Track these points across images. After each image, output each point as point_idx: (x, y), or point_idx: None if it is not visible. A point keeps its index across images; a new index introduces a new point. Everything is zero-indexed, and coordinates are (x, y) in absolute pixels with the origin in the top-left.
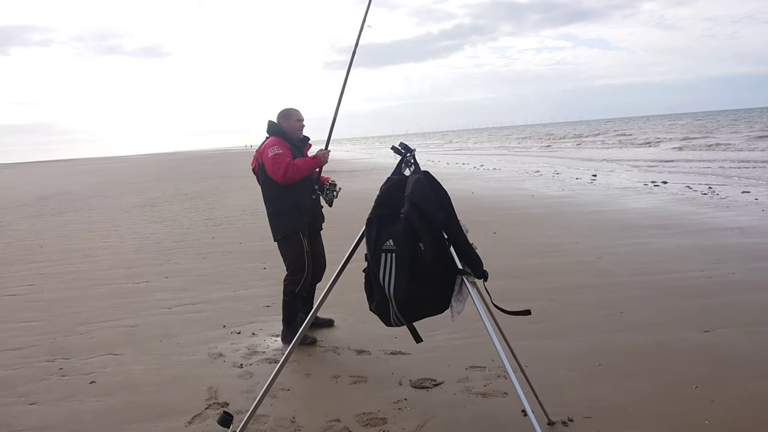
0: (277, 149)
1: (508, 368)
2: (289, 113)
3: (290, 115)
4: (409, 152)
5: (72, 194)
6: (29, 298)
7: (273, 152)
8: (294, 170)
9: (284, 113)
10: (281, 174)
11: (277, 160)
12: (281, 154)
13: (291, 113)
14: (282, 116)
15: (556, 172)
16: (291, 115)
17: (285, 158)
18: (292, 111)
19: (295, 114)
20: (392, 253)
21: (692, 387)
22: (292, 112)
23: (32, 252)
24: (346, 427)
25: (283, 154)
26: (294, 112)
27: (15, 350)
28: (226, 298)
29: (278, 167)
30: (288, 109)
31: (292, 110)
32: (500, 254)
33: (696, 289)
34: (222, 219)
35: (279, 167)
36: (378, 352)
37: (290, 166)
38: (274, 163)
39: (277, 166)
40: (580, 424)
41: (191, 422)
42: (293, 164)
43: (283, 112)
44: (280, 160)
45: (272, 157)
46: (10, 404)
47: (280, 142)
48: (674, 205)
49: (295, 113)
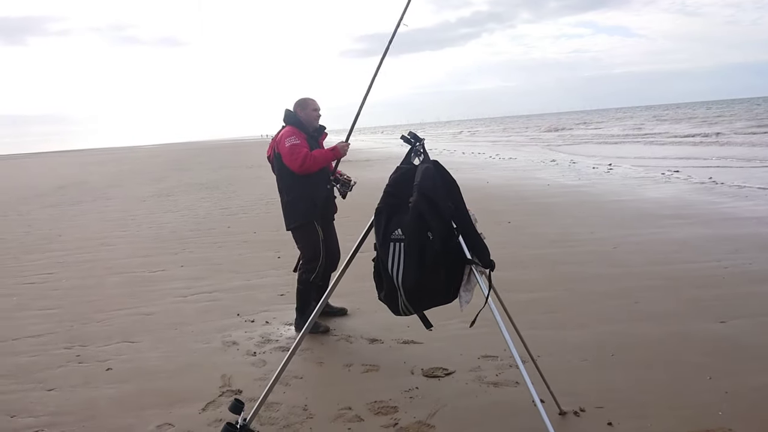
0: (295, 140)
1: (517, 358)
2: (306, 102)
3: (307, 105)
4: (419, 141)
5: (89, 184)
6: (48, 287)
7: (290, 142)
8: (311, 161)
9: (301, 102)
10: (298, 165)
11: (294, 150)
12: (299, 145)
13: (308, 102)
14: (299, 105)
15: (573, 161)
16: (308, 104)
17: (302, 149)
18: (309, 100)
19: (312, 103)
20: (401, 243)
21: (706, 378)
22: (309, 102)
23: (50, 241)
24: (357, 415)
25: (300, 144)
26: (311, 101)
27: (34, 337)
28: (241, 287)
29: (296, 157)
30: (305, 99)
31: (309, 99)
32: (514, 244)
33: (712, 279)
34: (237, 208)
35: (296, 158)
36: (390, 341)
37: (308, 157)
38: (292, 154)
39: (295, 156)
40: (592, 413)
41: (205, 409)
42: (311, 155)
43: (300, 102)
44: (298, 151)
45: (289, 147)
46: (29, 390)
47: (297, 133)
48: (693, 195)
49: (312, 103)
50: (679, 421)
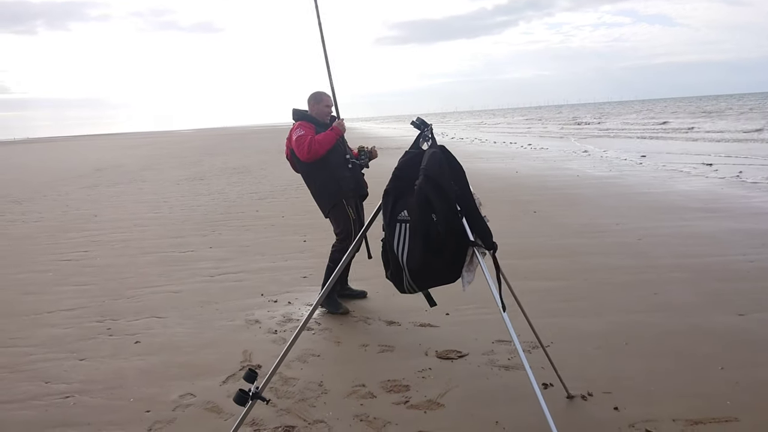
0: (300, 131)
1: (517, 345)
2: (320, 97)
3: (321, 100)
4: (426, 127)
5: (125, 167)
6: (83, 264)
7: (297, 134)
8: (317, 145)
9: (316, 96)
10: (306, 151)
11: (300, 140)
12: (303, 135)
13: (322, 98)
14: (313, 98)
15: (605, 152)
16: (322, 99)
17: (306, 137)
18: (323, 96)
19: (325, 99)
20: (406, 224)
21: (718, 368)
22: (323, 97)
23: (87, 221)
24: (370, 392)
25: (305, 134)
26: (325, 97)
27: (68, 311)
28: (266, 269)
29: (302, 147)
30: (319, 93)
31: (324, 95)
32: (538, 233)
33: (735, 272)
34: (267, 193)
35: (303, 146)
36: (407, 323)
37: (312, 142)
38: (299, 145)
39: (301, 146)
40: (599, 398)
41: (225, 381)
42: (314, 140)
43: (315, 95)
44: (302, 140)
45: (296, 139)
46: (62, 359)
47: (303, 124)
48: (724, 188)
49: (326, 98)
50: (685, 409)
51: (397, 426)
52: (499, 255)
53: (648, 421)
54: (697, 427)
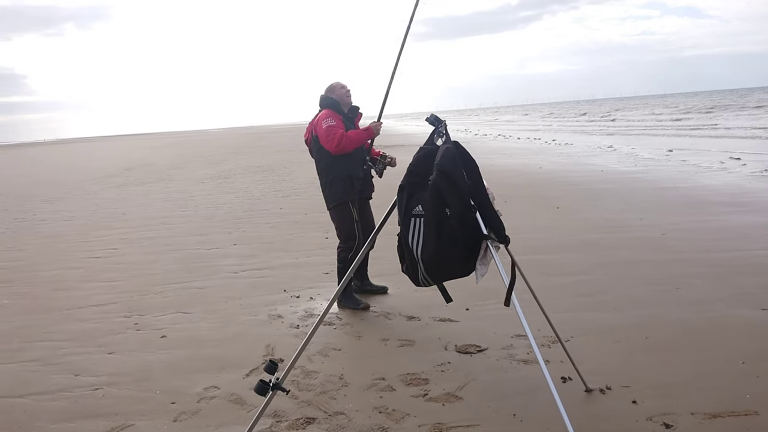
0: (331, 121)
1: (531, 339)
2: (333, 86)
3: (335, 88)
4: (441, 123)
5: (154, 166)
6: (111, 261)
7: (327, 124)
8: (347, 141)
9: (329, 88)
10: (335, 145)
11: (330, 131)
12: (334, 126)
13: (335, 86)
14: (329, 90)
15: (631, 147)
16: (334, 87)
17: (338, 129)
18: (335, 83)
19: (338, 85)
20: (421, 218)
21: (739, 363)
22: (335, 84)
23: (116, 219)
24: (389, 385)
25: (336, 125)
26: (336, 84)
27: (97, 306)
28: (289, 265)
29: (332, 138)
30: (331, 83)
31: (335, 82)
32: (561, 228)
33: (760, 267)
34: (290, 191)
35: (333, 138)
36: (428, 318)
37: (343, 137)
38: (328, 135)
39: (331, 137)
40: (617, 392)
41: (248, 375)
42: (346, 135)
43: (328, 87)
44: (334, 132)
45: (326, 128)
46: (91, 353)
47: (333, 114)
48: (751, 182)
49: (338, 84)
50: (704, 402)
51: (416, 418)
52: (521, 250)
53: (666, 414)
54: (716, 421)
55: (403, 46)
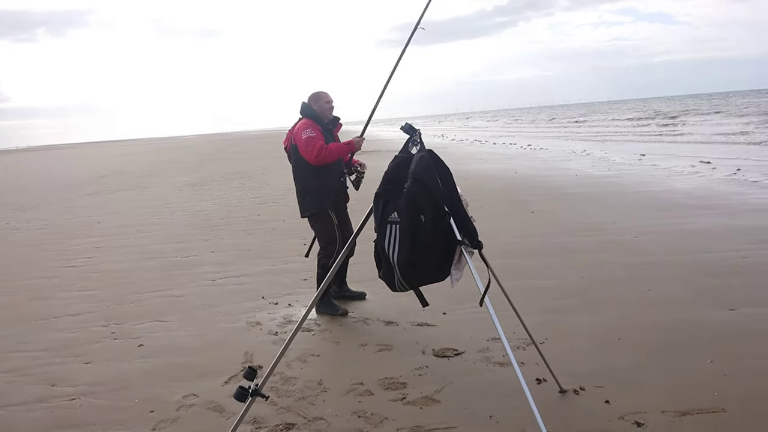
0: (311, 132)
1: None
2: (318, 96)
3: (320, 98)
4: (415, 132)
5: (128, 173)
6: (87, 269)
7: (306, 135)
8: (326, 153)
9: (314, 96)
10: (314, 156)
11: (310, 142)
12: (314, 137)
13: (321, 96)
14: (312, 98)
15: (604, 152)
16: (321, 97)
17: (318, 141)
18: (321, 93)
19: (324, 96)
20: (396, 225)
21: (708, 362)
22: (321, 95)
23: (90, 227)
24: (368, 390)
25: (316, 137)
26: (323, 94)
27: (73, 315)
28: (267, 272)
29: (311, 149)
30: (318, 92)
31: (322, 93)
32: (536, 232)
33: (729, 268)
34: (268, 197)
35: (312, 149)
36: (405, 323)
37: (323, 150)
38: (308, 146)
39: (311, 148)
40: (591, 392)
41: (227, 382)
42: (326, 148)
43: (313, 95)
44: (314, 143)
45: (306, 139)
46: (68, 362)
47: (313, 125)
48: (721, 186)
49: (325, 95)
50: (674, 401)
51: (394, 422)
52: (497, 254)
53: (637, 413)
54: (685, 419)
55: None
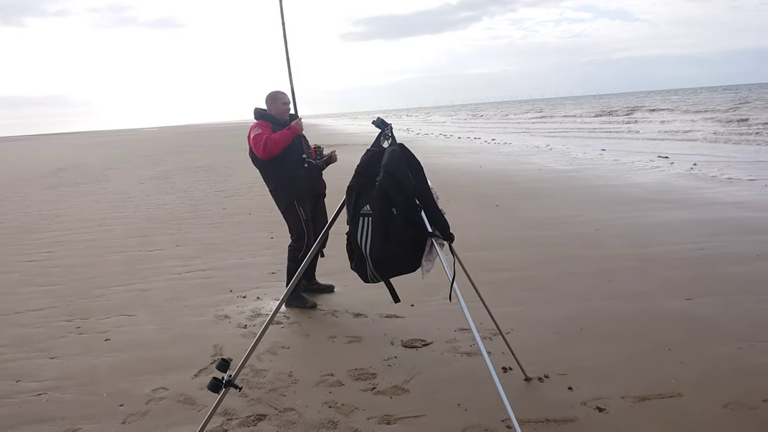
0: (257, 129)
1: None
2: (276, 96)
3: (277, 98)
4: (387, 126)
5: (88, 166)
6: (48, 264)
7: (254, 134)
8: (272, 144)
9: (272, 96)
10: (261, 150)
11: (257, 139)
12: (260, 134)
13: (278, 96)
14: (270, 99)
15: (567, 146)
16: (278, 98)
17: (263, 135)
18: (279, 94)
19: (282, 97)
20: (369, 217)
21: (666, 349)
22: (279, 95)
23: (50, 221)
24: (338, 381)
25: (261, 133)
26: (281, 95)
27: (36, 311)
28: (234, 266)
29: (258, 145)
30: (275, 93)
31: (280, 93)
32: (500, 226)
33: (686, 260)
34: (233, 191)
35: (258, 144)
36: (374, 315)
37: (268, 141)
38: (255, 143)
39: (258, 144)
40: (554, 379)
41: (197, 375)
42: (270, 138)
43: (271, 95)
44: (259, 138)
45: (253, 137)
46: (33, 358)
47: (261, 123)
48: (678, 180)
49: (282, 96)
50: (634, 386)
51: (365, 411)
52: (464, 247)
53: (599, 399)
54: (644, 403)
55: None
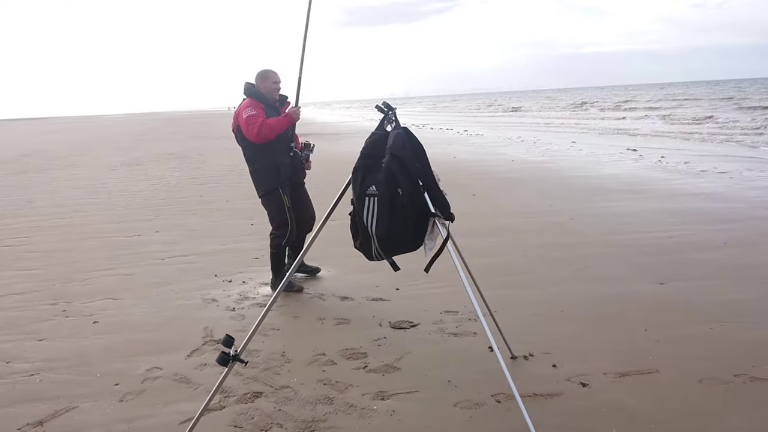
0: (251, 110)
1: (478, 311)
2: (266, 75)
3: (267, 77)
4: (391, 110)
5: (53, 152)
6: (25, 249)
7: (247, 113)
8: (267, 129)
9: (263, 74)
10: (255, 134)
11: (250, 121)
12: (255, 116)
13: (269, 75)
14: (260, 76)
15: (538, 138)
16: (268, 77)
17: (258, 118)
18: (270, 73)
19: (272, 76)
20: (375, 198)
21: (642, 330)
22: (269, 74)
23: (21, 207)
24: (330, 360)
25: (256, 115)
26: (272, 74)
27: (18, 294)
28: (216, 251)
29: (252, 128)
30: (266, 71)
31: (270, 72)
32: (478, 214)
33: (657, 247)
34: (207, 178)
35: (252, 128)
36: (360, 298)
37: (263, 126)
38: (248, 124)
39: (251, 126)
40: (539, 358)
41: (190, 355)
42: (266, 123)
43: (261, 73)
44: (254, 121)
45: (246, 118)
46: (20, 340)
47: (254, 104)
48: (648, 172)
49: (273, 75)
50: (614, 363)
51: (359, 388)
52: None
53: (582, 375)
54: (624, 379)
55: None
